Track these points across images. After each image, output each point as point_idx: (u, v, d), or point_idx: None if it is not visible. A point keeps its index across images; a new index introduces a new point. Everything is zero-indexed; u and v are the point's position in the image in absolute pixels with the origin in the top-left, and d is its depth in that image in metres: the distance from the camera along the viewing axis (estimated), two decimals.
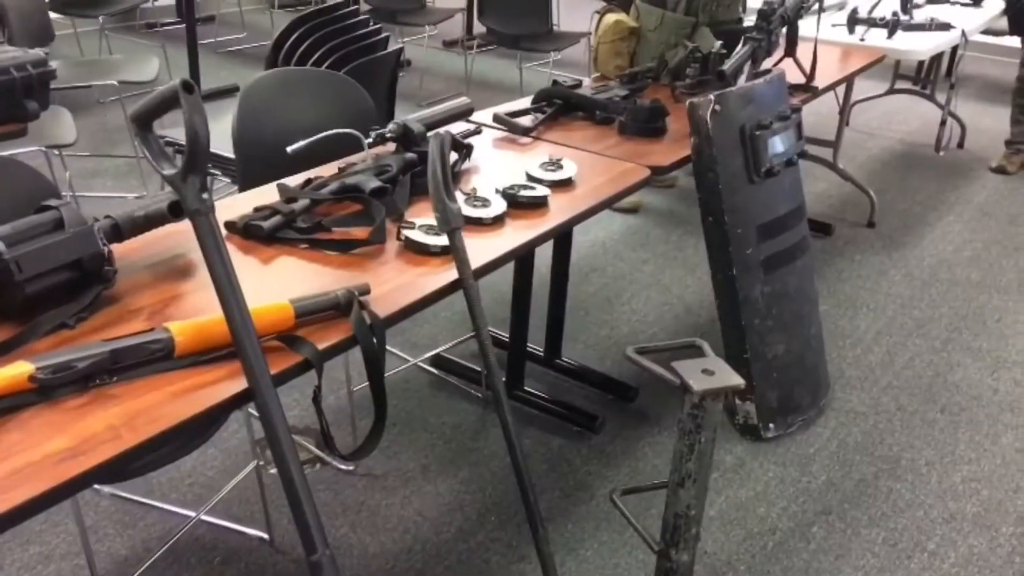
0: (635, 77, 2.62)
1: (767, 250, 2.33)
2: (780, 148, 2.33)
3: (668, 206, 3.86)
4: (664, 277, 3.25)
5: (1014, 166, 4.38)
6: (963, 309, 3.10)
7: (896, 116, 5.16)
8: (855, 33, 3.41)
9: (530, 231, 1.73)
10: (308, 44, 2.45)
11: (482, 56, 5.84)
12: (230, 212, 1.60)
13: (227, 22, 6.42)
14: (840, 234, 3.65)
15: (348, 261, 1.52)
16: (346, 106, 2.20)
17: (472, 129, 2.15)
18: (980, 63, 6.36)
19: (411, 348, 2.68)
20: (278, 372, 1.18)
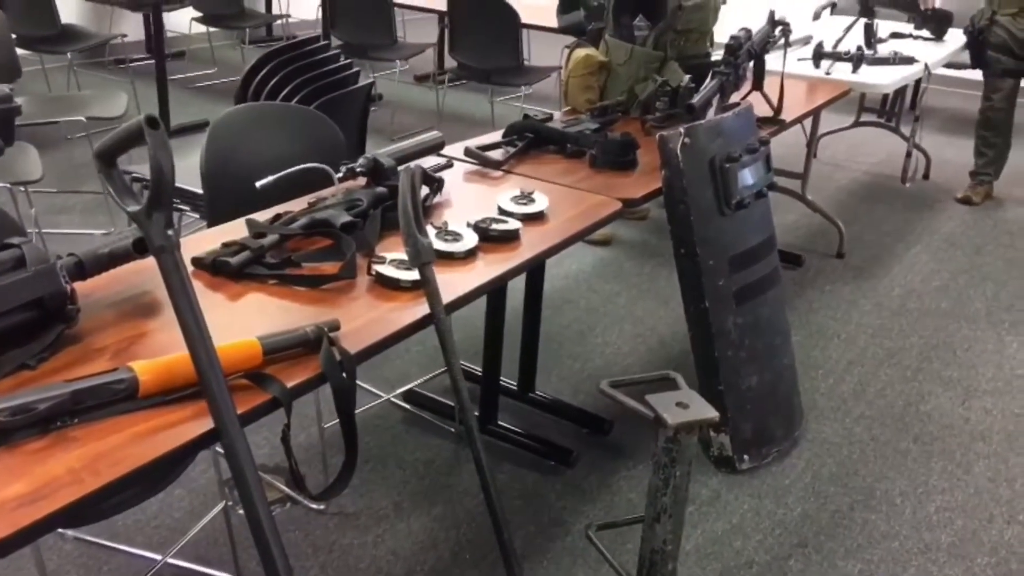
0: (605, 110, 2.63)
1: (739, 281, 2.34)
2: (750, 180, 2.35)
3: (641, 238, 3.87)
4: (637, 309, 3.26)
5: (979, 196, 4.45)
6: (933, 338, 3.12)
7: (862, 148, 5.24)
8: (821, 67, 3.47)
9: (502, 265, 1.72)
10: (278, 79, 2.44)
11: (453, 90, 5.87)
12: (198, 248, 1.58)
13: (197, 58, 6.40)
14: (810, 265, 3.67)
15: (318, 297, 1.51)
16: (316, 141, 2.19)
17: (443, 163, 2.15)
18: (943, 96, 6.47)
19: (383, 383, 2.65)
20: (245, 411, 1.16)
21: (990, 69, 4.31)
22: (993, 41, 4.20)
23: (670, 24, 2.74)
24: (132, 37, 6.04)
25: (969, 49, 4.30)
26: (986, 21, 4.20)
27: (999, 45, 4.19)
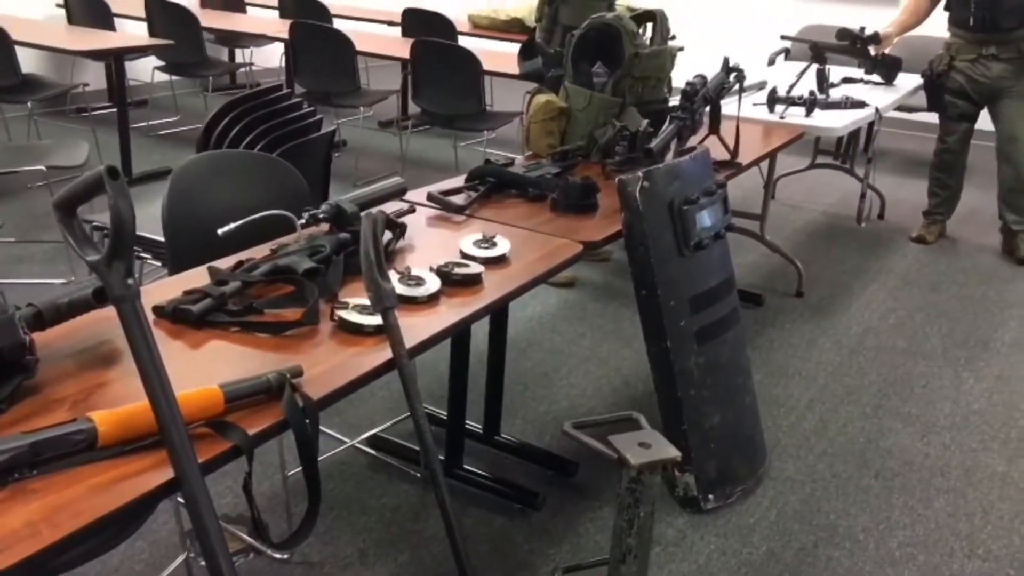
0: (566, 155, 2.68)
1: (699, 321, 2.37)
2: (708, 222, 2.39)
3: (604, 280, 3.91)
4: (601, 350, 3.28)
5: (932, 235, 4.55)
6: (891, 375, 3.18)
7: (819, 189, 5.34)
8: (775, 112, 3.54)
9: (465, 308, 1.73)
10: (240, 127, 2.46)
11: (417, 135, 5.92)
12: (159, 296, 1.58)
13: (160, 106, 6.41)
14: (770, 304, 3.73)
15: (281, 343, 1.51)
16: (278, 188, 2.20)
17: (406, 208, 2.17)
18: (896, 138, 6.64)
19: (348, 429, 2.64)
20: (206, 460, 1.15)
21: (946, 113, 4.42)
22: (950, 86, 4.31)
23: (628, 71, 2.79)
24: (95, 86, 6.04)
25: (926, 93, 4.42)
26: (944, 67, 4.31)
27: (956, 90, 4.30)
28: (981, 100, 4.27)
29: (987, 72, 4.17)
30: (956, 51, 4.26)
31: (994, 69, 4.14)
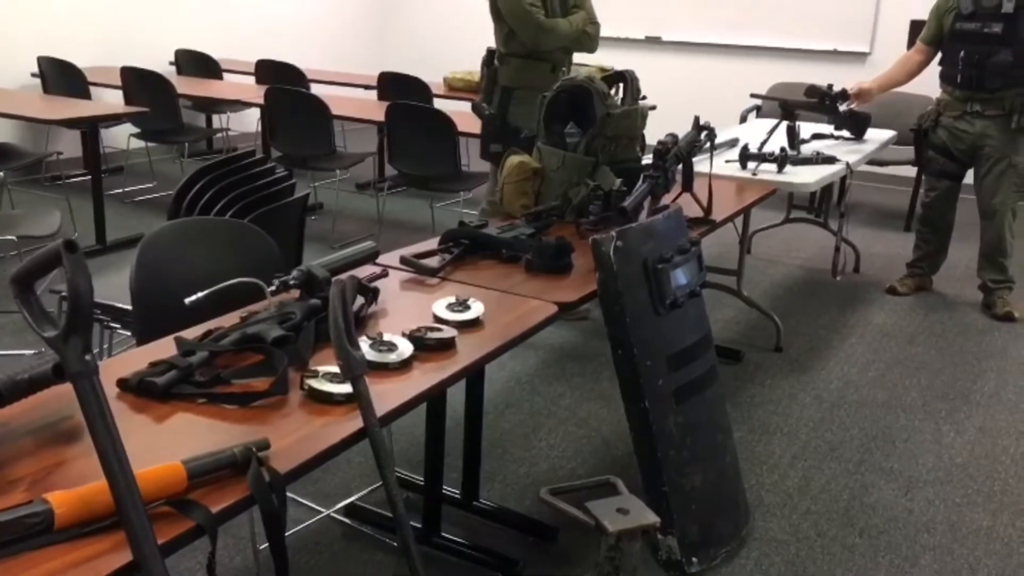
0: (540, 215, 2.67)
1: (678, 380, 2.35)
2: (683, 280, 2.39)
3: (583, 338, 3.89)
4: (581, 410, 3.25)
5: (905, 287, 4.57)
6: (872, 430, 3.16)
7: (794, 243, 5.38)
8: (748, 168, 3.58)
9: (438, 374, 1.70)
10: (212, 194, 2.44)
11: (394, 197, 5.93)
12: (125, 368, 1.55)
13: (136, 172, 6.40)
14: (750, 360, 3.72)
15: (248, 415, 1.47)
16: (250, 254, 2.18)
17: (378, 272, 2.15)
18: (869, 191, 6.72)
19: (323, 498, 2.59)
20: (167, 540, 1.11)
21: (928, 169, 4.47)
22: (934, 142, 4.35)
23: (600, 131, 2.81)
24: (70, 154, 6.04)
25: (915, 147, 4.47)
26: (931, 123, 4.37)
27: (939, 146, 4.34)
28: (963, 158, 4.29)
29: (970, 128, 4.19)
30: (944, 107, 4.30)
31: (977, 125, 4.17)
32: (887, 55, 5.36)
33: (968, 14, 4.08)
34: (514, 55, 3.68)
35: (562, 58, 3.77)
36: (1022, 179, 4.17)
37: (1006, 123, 4.09)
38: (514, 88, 3.69)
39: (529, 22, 3.59)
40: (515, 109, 3.69)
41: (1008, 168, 4.14)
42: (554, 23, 3.65)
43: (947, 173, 4.37)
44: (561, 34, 3.68)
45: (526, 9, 3.57)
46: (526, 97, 3.64)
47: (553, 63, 3.72)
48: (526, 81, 3.67)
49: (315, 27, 8.36)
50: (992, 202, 4.21)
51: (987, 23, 4.02)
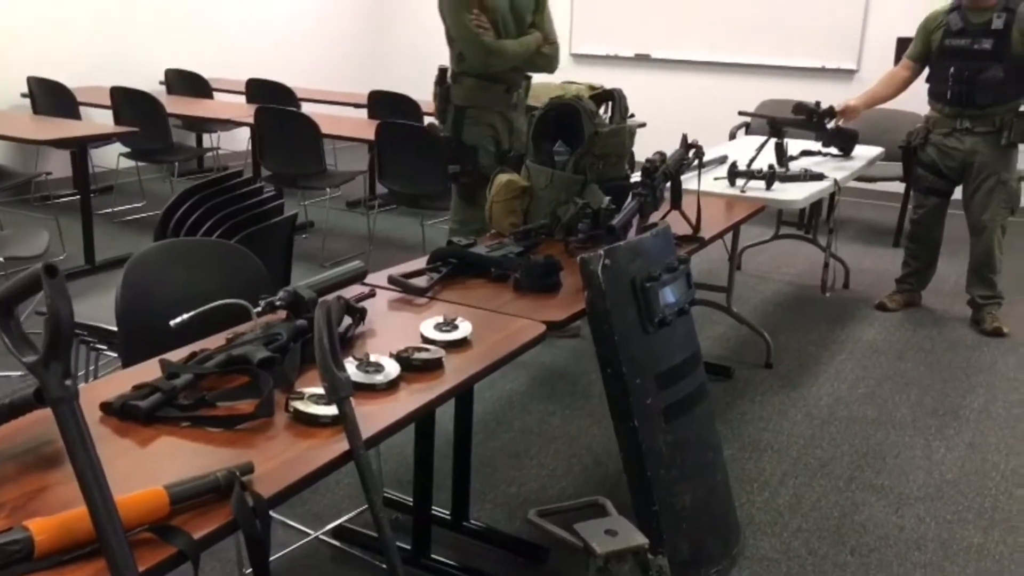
0: (529, 234, 2.68)
1: (667, 399, 2.34)
2: (671, 298, 2.39)
3: (573, 356, 3.88)
4: (571, 428, 3.24)
5: (894, 303, 4.58)
6: (862, 446, 3.15)
7: (784, 259, 5.39)
8: (736, 185, 3.59)
9: (425, 395, 1.70)
10: (199, 214, 2.44)
11: (385, 215, 5.93)
12: (109, 391, 1.54)
13: (126, 191, 6.39)
14: (740, 376, 3.71)
15: (233, 438, 1.46)
16: (237, 275, 2.18)
17: (366, 292, 2.15)
18: (858, 207, 6.75)
19: (311, 519, 2.57)
20: (148, 567, 1.10)
21: (917, 185, 4.49)
22: (923, 159, 4.37)
23: (588, 149, 2.82)
24: (60, 174, 6.03)
25: (903, 164, 4.49)
26: (920, 140, 4.38)
27: (928, 164, 4.35)
28: (952, 175, 4.30)
29: (960, 145, 4.20)
30: (933, 124, 4.31)
31: (967, 142, 4.18)
32: (874, 72, 5.39)
33: (958, 31, 4.10)
34: (466, 75, 3.61)
35: (517, 79, 3.69)
36: (1011, 195, 4.18)
37: (996, 139, 4.11)
38: (467, 108, 3.65)
39: (476, 44, 3.52)
40: (469, 129, 3.64)
41: (997, 184, 4.16)
42: (502, 45, 3.56)
43: (935, 190, 4.39)
44: (510, 56, 3.59)
45: (473, 31, 3.50)
46: (480, 117, 3.62)
47: (507, 84, 3.65)
48: (479, 101, 3.62)
49: (306, 46, 8.38)
50: (982, 218, 4.23)
51: (977, 39, 4.05)
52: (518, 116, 3.74)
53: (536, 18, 3.71)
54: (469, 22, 3.51)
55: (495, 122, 3.65)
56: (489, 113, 3.64)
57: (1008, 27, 3.98)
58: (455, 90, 3.65)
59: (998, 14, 3.99)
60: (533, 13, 3.70)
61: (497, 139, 3.67)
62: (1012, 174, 4.17)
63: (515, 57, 3.62)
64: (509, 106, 3.69)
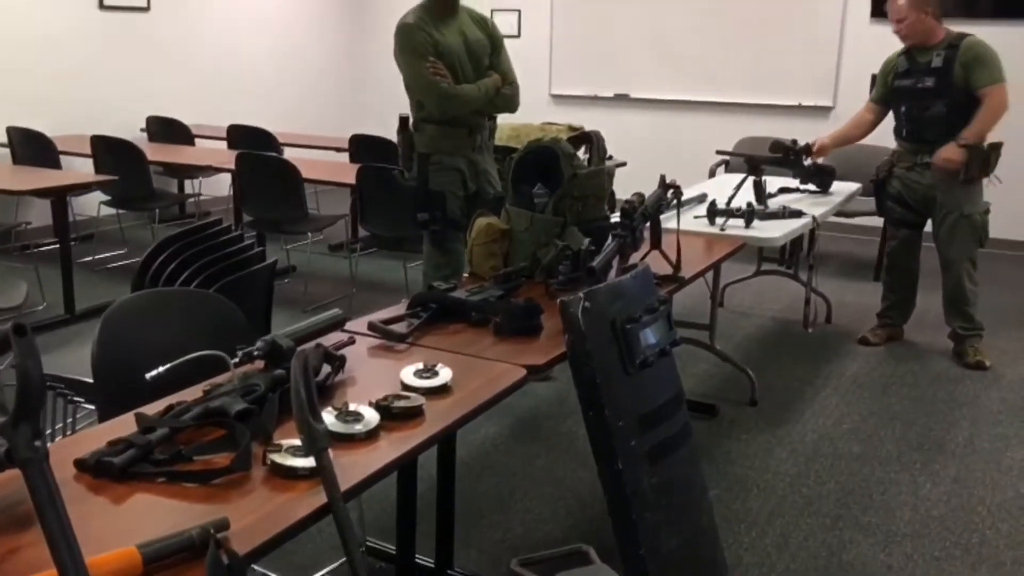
0: (509, 277, 2.68)
1: (651, 440, 2.33)
2: (652, 339, 2.38)
3: (558, 397, 3.87)
4: (557, 470, 3.22)
5: (877, 338, 4.60)
6: (848, 483, 3.14)
7: (766, 295, 5.42)
8: (716, 224, 3.61)
9: (405, 443, 1.68)
10: (178, 263, 2.43)
11: (367, 258, 5.93)
12: (83, 447, 1.51)
13: (107, 239, 6.37)
14: (725, 414, 3.71)
15: (210, 493, 1.44)
16: (215, 325, 2.16)
17: (345, 340, 2.14)
18: (838, 242, 6.80)
19: (294, 571, 2.53)
20: None
21: (887, 217, 4.56)
22: (890, 192, 4.45)
23: (567, 191, 2.83)
24: (40, 222, 6.01)
25: (875, 198, 4.57)
26: (885, 173, 4.47)
27: (895, 196, 4.43)
28: (918, 207, 4.38)
29: (921, 179, 4.30)
30: (897, 158, 4.43)
31: (927, 176, 4.27)
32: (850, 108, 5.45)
33: (904, 71, 4.25)
34: (427, 121, 3.61)
35: (479, 121, 3.68)
36: (976, 229, 4.24)
37: (954, 175, 4.17)
38: (432, 154, 3.64)
39: (432, 91, 3.51)
40: (435, 175, 3.62)
41: (960, 219, 4.22)
42: (458, 90, 3.55)
43: (905, 222, 4.45)
44: (468, 99, 3.57)
45: (428, 79, 3.49)
46: (446, 162, 3.61)
47: (470, 127, 3.64)
48: (444, 147, 3.61)
49: (287, 91, 8.43)
50: (948, 254, 4.29)
51: (920, 78, 4.18)
52: (484, 158, 3.74)
53: (493, 60, 3.72)
54: (425, 70, 3.49)
55: (461, 166, 3.64)
56: (454, 158, 3.63)
57: (949, 63, 4.09)
58: (418, 138, 3.64)
59: (938, 52, 4.13)
60: (490, 55, 3.71)
61: (464, 183, 3.66)
62: (976, 207, 4.23)
63: (474, 100, 3.60)
64: (474, 149, 3.68)
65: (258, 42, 8.11)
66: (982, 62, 4.06)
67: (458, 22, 3.63)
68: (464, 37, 3.62)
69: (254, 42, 8.07)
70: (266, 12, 8.17)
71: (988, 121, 4.10)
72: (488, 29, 3.74)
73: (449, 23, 3.59)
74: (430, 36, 3.51)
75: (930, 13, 4.14)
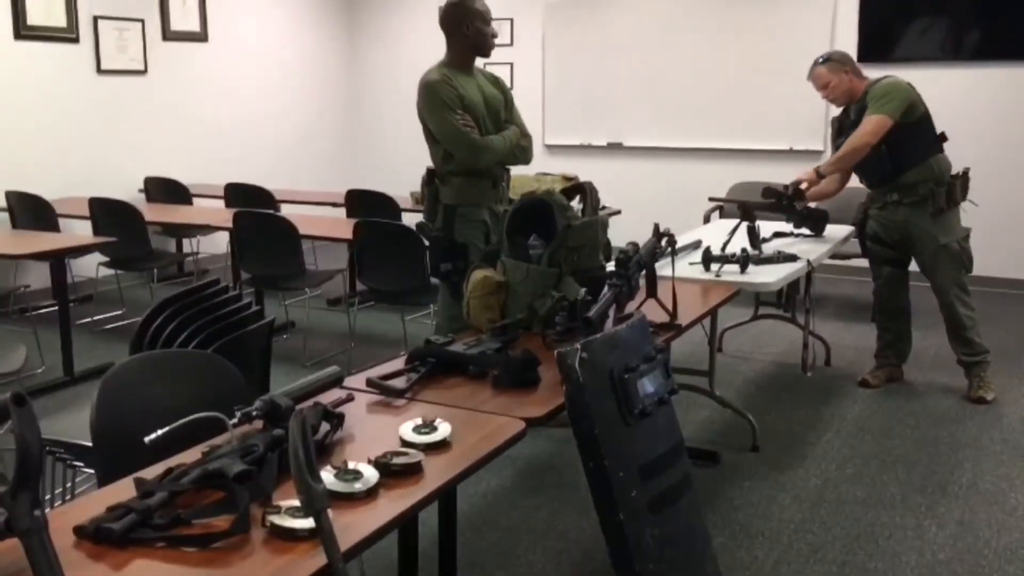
0: (506, 329, 2.69)
1: (651, 491, 2.32)
2: (650, 388, 2.39)
3: (559, 447, 3.85)
4: (559, 523, 3.19)
5: (877, 379, 4.60)
6: (853, 529, 3.12)
7: (765, 339, 5.42)
8: (711, 270, 3.63)
9: (405, 501, 1.68)
10: (176, 324, 2.44)
11: (365, 311, 5.95)
12: (83, 514, 1.51)
13: (106, 300, 6.39)
14: (727, 461, 3.69)
15: (210, 557, 1.44)
16: (214, 385, 2.17)
17: (344, 397, 2.14)
18: (836, 284, 6.82)
19: None
20: None
21: (870, 258, 4.61)
22: (868, 232, 4.53)
23: (562, 242, 2.86)
24: (39, 285, 6.03)
25: (859, 240, 4.63)
26: (862, 216, 4.54)
27: (872, 236, 4.52)
28: (897, 244, 4.44)
29: (895, 216, 4.38)
30: (870, 200, 4.54)
31: (900, 213, 4.35)
32: None
33: (838, 130, 4.47)
34: (453, 174, 3.69)
35: (500, 172, 3.80)
36: (956, 256, 4.30)
37: (925, 208, 4.26)
38: (457, 206, 3.71)
39: (463, 142, 3.60)
40: (460, 227, 3.68)
41: (938, 249, 4.29)
42: (488, 140, 3.67)
43: (888, 260, 4.52)
44: (496, 150, 3.69)
45: (460, 130, 3.59)
46: (470, 214, 3.68)
47: (493, 178, 3.74)
48: (469, 198, 3.68)
49: (283, 148, 8.52)
50: (935, 285, 4.36)
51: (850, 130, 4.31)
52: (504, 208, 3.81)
53: (507, 114, 3.84)
54: (456, 122, 3.60)
55: (485, 217, 3.71)
56: (479, 209, 3.70)
57: (862, 111, 4.25)
58: (444, 190, 3.72)
59: (859, 105, 4.30)
60: (505, 109, 3.83)
61: (487, 234, 3.72)
62: (952, 236, 4.30)
63: (500, 151, 3.73)
64: (497, 200, 3.77)
65: (254, 101, 8.22)
66: (875, 97, 4.22)
67: (475, 79, 3.77)
68: (482, 93, 3.76)
69: (250, 101, 8.18)
70: (261, 72, 8.29)
71: (845, 149, 4.26)
72: (500, 86, 3.90)
73: (468, 80, 3.72)
74: (456, 90, 3.63)
75: (849, 72, 4.35)
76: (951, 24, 6.70)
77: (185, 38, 7.52)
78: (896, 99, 4.19)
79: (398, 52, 8.84)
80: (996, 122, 6.63)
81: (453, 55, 3.73)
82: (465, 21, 3.68)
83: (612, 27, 7.91)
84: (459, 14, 3.67)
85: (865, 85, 4.33)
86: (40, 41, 6.47)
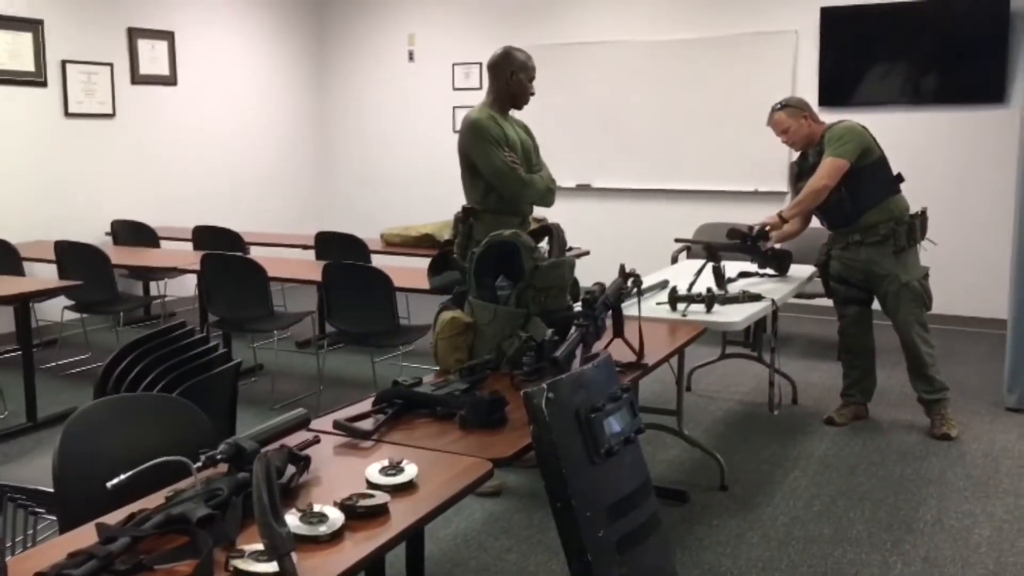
0: (474, 369, 2.69)
1: (619, 530, 2.32)
2: (617, 427, 2.40)
3: (529, 487, 3.84)
4: (529, 565, 3.18)
5: (843, 417, 4.64)
6: (820, 567, 3.14)
7: (733, 378, 5.46)
8: (678, 310, 3.67)
9: (370, 543, 1.68)
10: (141, 367, 2.43)
11: (335, 353, 5.92)
12: (43, 560, 1.50)
13: (71, 344, 6.31)
14: (696, 500, 3.70)
15: None
16: (179, 428, 2.15)
17: (310, 439, 2.13)
18: (801, 322, 6.90)
19: None
20: None
21: (833, 298, 4.68)
22: (832, 273, 4.61)
23: (529, 283, 2.88)
24: (2, 329, 5.96)
25: (822, 280, 4.71)
26: (824, 256, 4.63)
27: (836, 276, 4.61)
28: (860, 283, 4.53)
29: (857, 256, 4.48)
30: (832, 241, 4.64)
31: (863, 253, 4.45)
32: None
33: (797, 174, 4.62)
34: (488, 211, 3.87)
35: (528, 211, 4.01)
36: (917, 294, 4.41)
37: (887, 248, 4.37)
38: None
39: (513, 177, 3.84)
40: None
41: (901, 288, 4.38)
42: (532, 178, 3.92)
43: (851, 299, 4.60)
44: (537, 189, 3.95)
45: (509, 165, 3.82)
46: None
47: (522, 216, 3.94)
48: None
49: (251, 191, 8.51)
50: (897, 322, 4.44)
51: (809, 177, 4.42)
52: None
53: (536, 158, 4.09)
54: (506, 158, 3.82)
55: None
56: None
57: (820, 155, 4.38)
58: (478, 226, 3.85)
59: (817, 149, 4.44)
60: (535, 154, 4.09)
61: None
62: (912, 275, 4.41)
63: (539, 190, 3.97)
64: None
65: (223, 144, 8.23)
66: (831, 140, 4.35)
67: (511, 124, 4.00)
68: (519, 136, 3.99)
69: (219, 144, 8.18)
70: (230, 115, 8.30)
71: (805, 192, 4.38)
72: (530, 133, 4.15)
73: (506, 123, 3.96)
74: (502, 128, 3.87)
75: (808, 117, 4.51)
76: (908, 70, 6.88)
77: (154, 81, 7.53)
78: (851, 142, 4.30)
79: (366, 96, 8.90)
80: (951, 164, 6.79)
81: (494, 99, 3.98)
82: (511, 71, 3.94)
83: (580, 72, 8.02)
84: (506, 63, 3.94)
85: (822, 129, 4.43)
86: (7, 85, 6.45)
